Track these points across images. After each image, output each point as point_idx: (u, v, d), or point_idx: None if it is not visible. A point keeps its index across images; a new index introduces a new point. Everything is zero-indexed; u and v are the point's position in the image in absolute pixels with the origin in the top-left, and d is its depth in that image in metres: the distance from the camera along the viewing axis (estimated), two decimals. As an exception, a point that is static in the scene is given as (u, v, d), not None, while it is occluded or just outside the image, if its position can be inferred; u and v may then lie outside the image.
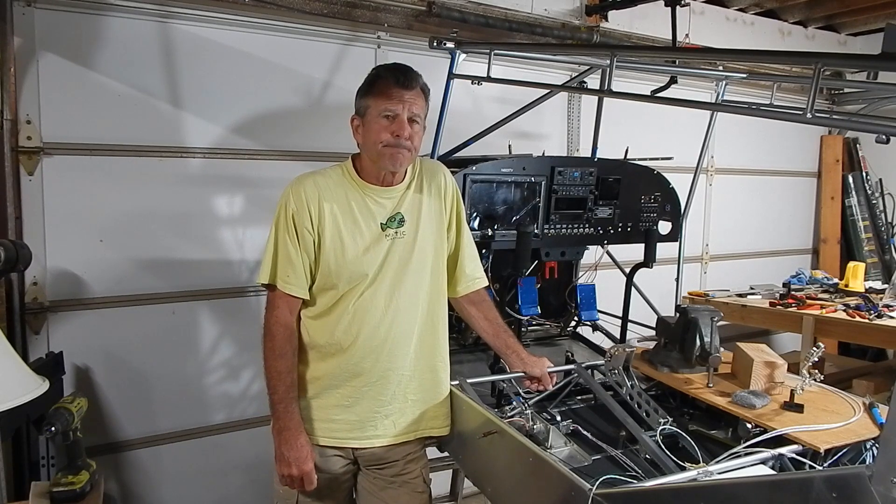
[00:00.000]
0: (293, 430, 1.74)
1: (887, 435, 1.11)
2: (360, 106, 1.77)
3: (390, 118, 1.71)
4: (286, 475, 1.75)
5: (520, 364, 1.97)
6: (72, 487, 2.00)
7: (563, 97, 3.67)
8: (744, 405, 1.75)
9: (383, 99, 1.71)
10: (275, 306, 1.77)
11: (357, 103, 1.79)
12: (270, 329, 1.76)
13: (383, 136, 1.71)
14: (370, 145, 1.75)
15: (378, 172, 1.79)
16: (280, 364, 1.74)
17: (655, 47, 3.79)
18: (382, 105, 1.71)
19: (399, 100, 1.71)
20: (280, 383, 1.74)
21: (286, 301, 1.76)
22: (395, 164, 1.75)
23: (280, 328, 1.76)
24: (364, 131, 1.76)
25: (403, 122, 1.71)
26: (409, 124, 1.72)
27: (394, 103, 1.71)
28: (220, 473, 2.99)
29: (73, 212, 2.58)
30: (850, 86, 4.84)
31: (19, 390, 1.52)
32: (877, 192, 5.07)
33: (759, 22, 4.41)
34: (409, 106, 1.72)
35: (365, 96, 1.76)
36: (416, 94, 1.74)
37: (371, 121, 1.73)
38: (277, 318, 1.76)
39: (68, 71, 2.52)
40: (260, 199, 2.92)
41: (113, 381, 2.71)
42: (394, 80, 1.72)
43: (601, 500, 1.31)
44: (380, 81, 1.74)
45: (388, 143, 1.71)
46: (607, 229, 2.69)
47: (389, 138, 1.71)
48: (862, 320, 3.15)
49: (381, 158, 1.74)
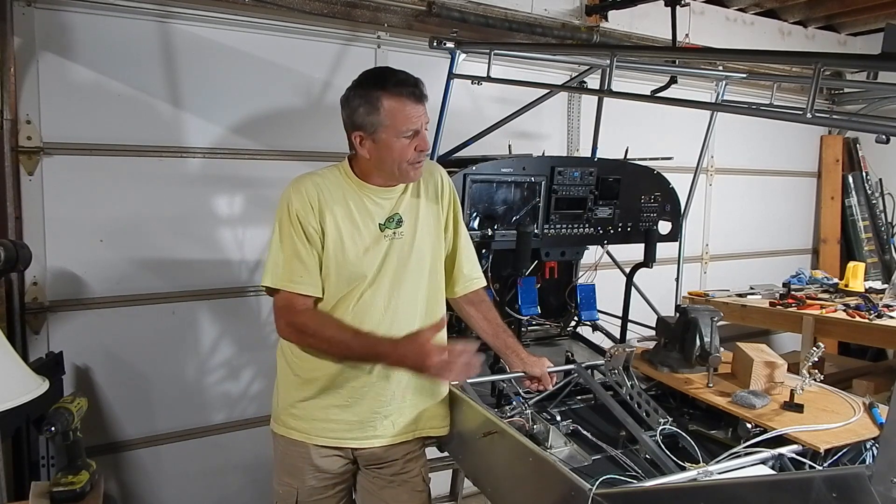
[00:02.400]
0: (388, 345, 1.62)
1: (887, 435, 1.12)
2: (366, 123, 1.67)
3: (411, 136, 1.68)
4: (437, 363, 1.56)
5: (519, 364, 1.97)
6: (72, 487, 2.00)
7: (562, 97, 3.67)
8: (744, 405, 1.75)
9: (403, 118, 1.65)
10: (287, 309, 1.69)
11: (359, 119, 1.68)
12: (295, 326, 1.68)
13: (408, 155, 1.68)
14: (388, 162, 1.70)
15: (387, 181, 1.77)
16: (329, 331, 1.66)
17: (655, 47, 3.78)
18: (404, 124, 1.66)
19: (417, 116, 1.68)
20: (344, 342, 1.65)
21: (301, 301, 1.70)
22: (417, 178, 1.76)
23: (300, 317, 1.68)
24: (377, 149, 1.69)
25: (425, 136, 1.70)
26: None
27: (414, 121, 1.67)
28: (220, 473, 2.99)
29: (73, 212, 2.58)
30: (850, 86, 4.84)
31: (19, 390, 1.51)
32: (877, 192, 5.07)
33: (759, 22, 4.41)
34: (424, 117, 1.71)
35: (372, 113, 1.66)
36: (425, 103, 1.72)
37: (389, 141, 1.67)
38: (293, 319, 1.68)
39: (68, 71, 2.52)
40: (260, 199, 2.92)
41: (113, 381, 2.71)
42: (409, 96, 1.66)
43: (601, 500, 1.31)
44: (391, 100, 1.65)
45: (413, 160, 1.70)
46: (607, 229, 2.69)
47: (414, 155, 1.69)
48: (862, 320, 3.15)
49: (403, 175, 1.73)
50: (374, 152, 1.71)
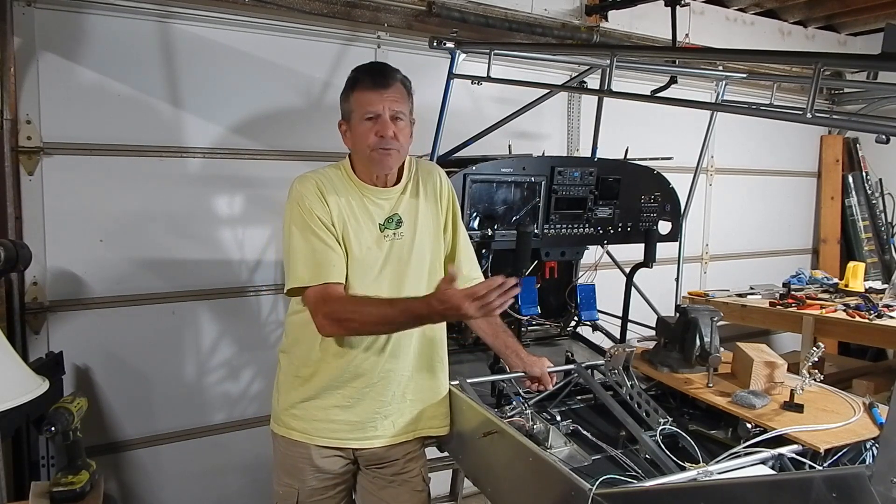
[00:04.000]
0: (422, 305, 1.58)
1: (887, 435, 1.12)
2: (345, 110, 1.77)
3: (373, 120, 1.70)
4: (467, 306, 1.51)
5: (519, 364, 1.98)
6: (72, 487, 2.00)
7: (562, 97, 3.67)
8: (744, 405, 1.75)
9: (363, 102, 1.71)
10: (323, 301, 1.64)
11: (342, 108, 1.78)
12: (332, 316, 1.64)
13: (370, 139, 1.70)
14: (359, 149, 1.75)
15: (371, 175, 1.79)
16: (368, 311, 1.65)
17: (655, 47, 3.78)
18: (363, 108, 1.71)
19: (378, 100, 1.70)
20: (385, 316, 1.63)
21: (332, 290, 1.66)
22: (385, 167, 1.75)
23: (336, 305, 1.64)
24: (351, 136, 1.76)
25: (386, 122, 1.70)
26: (392, 122, 1.71)
27: (374, 104, 1.70)
28: (220, 473, 2.99)
29: (73, 212, 2.58)
30: (850, 86, 4.84)
31: (19, 390, 1.51)
32: (877, 192, 5.06)
33: (759, 22, 4.41)
34: (390, 104, 1.71)
35: (346, 100, 1.76)
36: (395, 91, 1.72)
37: (355, 125, 1.73)
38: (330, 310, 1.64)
39: (68, 71, 2.52)
40: (260, 199, 2.92)
41: (113, 381, 2.71)
42: (371, 82, 1.71)
43: (601, 500, 1.31)
44: (358, 84, 1.73)
45: (375, 145, 1.70)
46: (607, 229, 2.69)
47: (375, 140, 1.70)
48: (862, 320, 3.15)
49: (372, 163, 1.74)
50: (350, 141, 1.77)
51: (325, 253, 1.68)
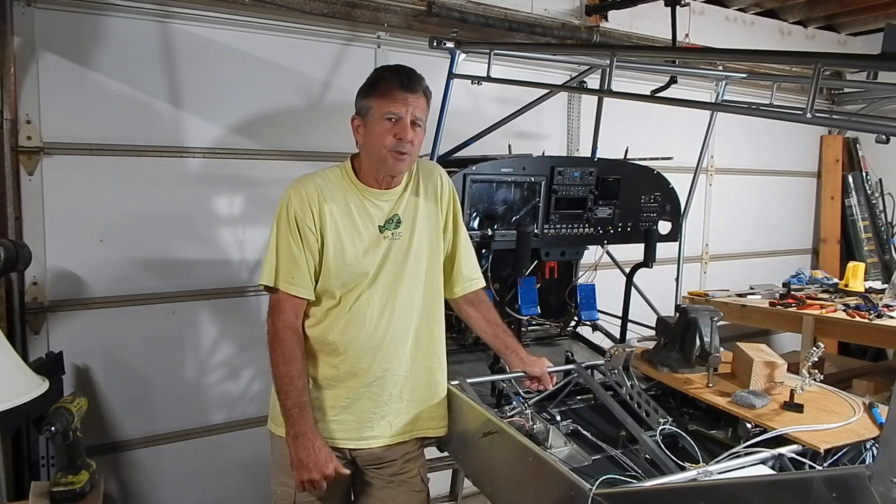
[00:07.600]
0: (309, 435, 1.69)
1: (887, 435, 1.11)
2: (362, 106, 1.75)
3: (393, 121, 1.70)
4: (307, 480, 1.69)
5: (519, 364, 1.97)
6: (72, 487, 2.00)
7: (562, 97, 3.67)
8: (744, 405, 1.75)
9: (387, 101, 1.70)
10: (280, 310, 1.73)
11: (358, 103, 1.77)
12: (278, 334, 1.72)
13: (387, 140, 1.69)
14: (371, 147, 1.73)
15: (377, 175, 1.78)
16: (291, 368, 1.70)
17: (655, 47, 3.78)
18: (386, 108, 1.69)
19: (403, 102, 1.70)
20: (292, 388, 1.70)
21: (291, 303, 1.74)
22: (396, 170, 1.75)
23: (288, 332, 1.72)
24: (365, 132, 1.75)
25: (406, 126, 1.70)
26: (411, 127, 1.71)
27: (397, 106, 1.69)
28: (220, 473, 2.99)
29: (73, 212, 2.58)
30: (850, 86, 4.84)
31: (19, 390, 1.52)
32: (877, 192, 5.07)
33: (759, 22, 4.41)
34: (413, 109, 1.71)
35: (367, 97, 1.74)
36: (419, 97, 1.72)
37: (373, 122, 1.72)
38: (284, 322, 1.72)
39: (68, 71, 2.52)
40: (260, 199, 2.92)
41: (113, 381, 2.71)
42: (398, 83, 1.70)
43: (601, 500, 1.31)
44: (383, 83, 1.72)
45: (392, 146, 1.70)
46: (607, 229, 2.69)
47: (392, 141, 1.69)
48: (862, 320, 3.15)
49: (382, 163, 1.73)
50: (363, 138, 1.76)
51: (292, 265, 1.72)
